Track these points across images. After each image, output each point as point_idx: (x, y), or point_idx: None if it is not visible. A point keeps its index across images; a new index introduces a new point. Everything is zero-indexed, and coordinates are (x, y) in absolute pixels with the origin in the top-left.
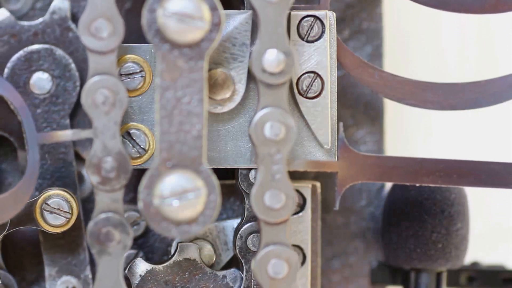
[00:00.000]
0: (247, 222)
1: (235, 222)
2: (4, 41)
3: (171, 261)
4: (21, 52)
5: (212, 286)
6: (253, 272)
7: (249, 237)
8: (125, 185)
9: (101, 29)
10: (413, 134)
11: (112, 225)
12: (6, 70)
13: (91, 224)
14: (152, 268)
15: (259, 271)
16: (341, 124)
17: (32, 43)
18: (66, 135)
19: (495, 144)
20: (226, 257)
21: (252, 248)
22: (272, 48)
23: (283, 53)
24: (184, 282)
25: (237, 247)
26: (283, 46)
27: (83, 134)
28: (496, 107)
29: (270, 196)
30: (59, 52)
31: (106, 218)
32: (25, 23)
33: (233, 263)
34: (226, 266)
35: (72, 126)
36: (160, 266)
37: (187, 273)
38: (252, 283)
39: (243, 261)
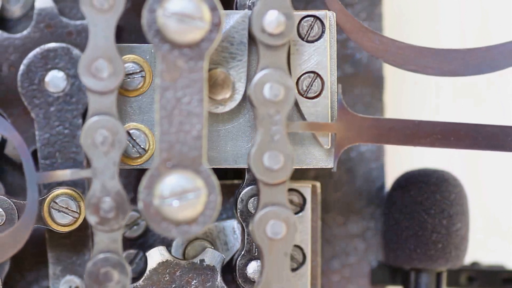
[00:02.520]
0: (247, 186)
1: (235, 222)
2: (39, 28)
3: (147, 272)
4: (37, 50)
5: (195, 275)
6: (251, 233)
7: (249, 200)
8: (124, 225)
9: (101, 69)
10: None
11: (111, 266)
12: (22, 67)
13: (89, 264)
14: (134, 287)
15: (257, 232)
16: (339, 86)
17: (63, 41)
18: (65, 175)
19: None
20: (226, 257)
21: (253, 211)
22: (273, 9)
23: (284, 15)
24: (169, 284)
25: (238, 210)
26: (284, 8)
27: (82, 173)
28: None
29: (269, 157)
30: (75, 51)
31: (105, 258)
32: (65, 19)
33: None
34: (226, 266)
35: None
36: (140, 282)
37: (167, 276)
38: (253, 246)
39: (244, 224)
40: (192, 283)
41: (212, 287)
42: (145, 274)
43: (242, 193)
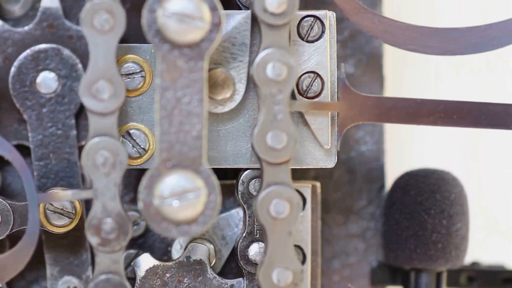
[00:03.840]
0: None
1: (229, 216)
2: (41, 27)
3: (137, 281)
4: (28, 51)
5: (185, 273)
6: (254, 212)
7: (251, 182)
8: (125, 246)
9: (102, 90)
10: (412, 134)
11: (112, 287)
12: (12, 69)
13: (91, 286)
14: None
15: (260, 212)
16: (342, 64)
17: (63, 43)
18: (67, 195)
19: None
20: (226, 252)
21: (254, 193)
22: None
23: None
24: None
25: (239, 192)
26: None
27: (83, 194)
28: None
29: (272, 137)
30: (66, 52)
31: (107, 280)
32: (68, 22)
33: (232, 259)
34: (227, 262)
35: (77, 127)
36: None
37: (158, 281)
38: (255, 228)
39: (245, 206)
40: (184, 281)
41: (205, 280)
42: (136, 284)
43: (243, 175)
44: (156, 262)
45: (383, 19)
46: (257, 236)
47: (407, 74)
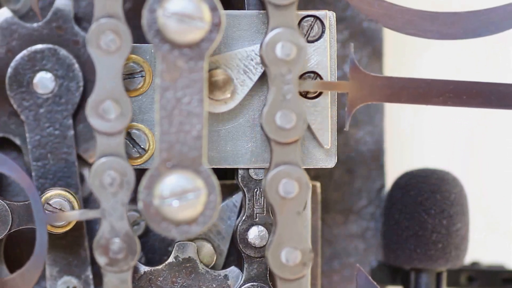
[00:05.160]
0: None
1: (220, 210)
2: (49, 26)
3: None
4: (24, 52)
5: (177, 273)
6: (263, 191)
7: None
8: (133, 266)
9: (108, 110)
10: (412, 134)
11: None
12: (9, 70)
13: None
14: None
15: (269, 191)
16: (351, 44)
17: (67, 46)
18: (74, 215)
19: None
20: (225, 246)
21: (254, 177)
22: None
23: None
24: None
25: (239, 176)
26: None
27: (91, 214)
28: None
29: (281, 116)
30: (63, 52)
31: None
32: (77, 27)
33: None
34: (227, 257)
35: (74, 127)
36: None
37: (152, 286)
38: (255, 211)
39: (245, 190)
40: (178, 281)
41: (197, 276)
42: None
43: None
44: (146, 269)
45: (382, 3)
46: (257, 219)
47: (407, 74)
